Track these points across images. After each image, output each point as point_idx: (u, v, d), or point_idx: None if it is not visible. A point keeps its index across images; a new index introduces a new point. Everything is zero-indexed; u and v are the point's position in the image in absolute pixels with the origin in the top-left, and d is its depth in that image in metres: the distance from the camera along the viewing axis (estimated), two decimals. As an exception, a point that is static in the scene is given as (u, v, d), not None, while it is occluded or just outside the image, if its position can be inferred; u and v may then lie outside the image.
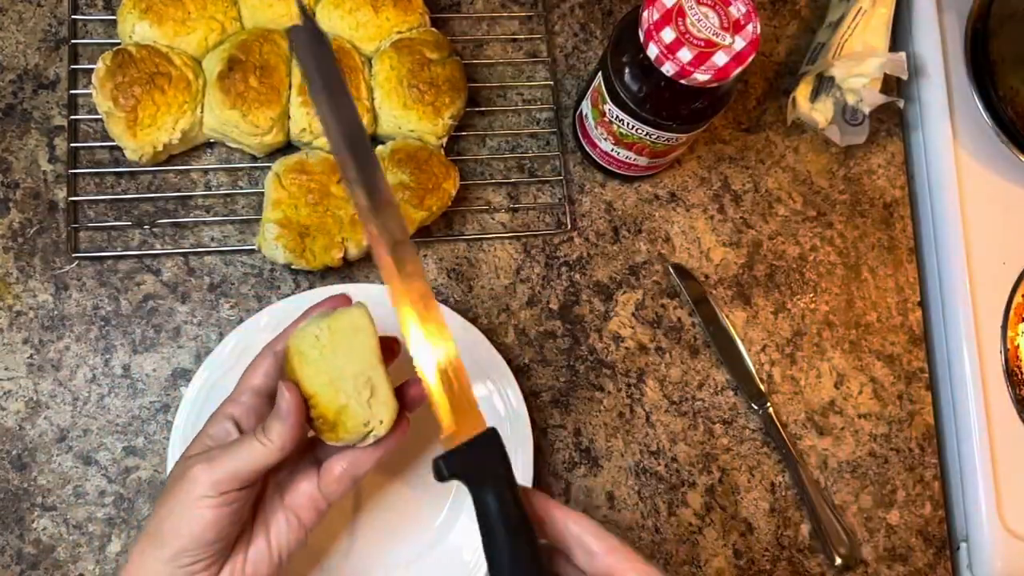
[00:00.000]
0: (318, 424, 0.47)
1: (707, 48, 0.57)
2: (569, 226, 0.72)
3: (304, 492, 0.50)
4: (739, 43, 0.57)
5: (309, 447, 0.52)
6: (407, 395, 0.50)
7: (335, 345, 0.46)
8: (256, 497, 0.49)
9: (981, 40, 0.76)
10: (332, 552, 0.62)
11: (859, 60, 0.71)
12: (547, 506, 0.45)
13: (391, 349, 0.50)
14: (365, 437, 0.47)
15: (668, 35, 0.56)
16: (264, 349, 0.51)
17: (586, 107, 0.69)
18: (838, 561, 0.67)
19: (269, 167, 0.65)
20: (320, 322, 0.46)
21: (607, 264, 0.71)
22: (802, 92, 0.74)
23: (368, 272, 0.68)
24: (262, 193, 0.66)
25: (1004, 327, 0.72)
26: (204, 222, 0.67)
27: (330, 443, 0.48)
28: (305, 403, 0.46)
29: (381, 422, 0.47)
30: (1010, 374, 0.71)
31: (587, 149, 0.71)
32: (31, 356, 0.63)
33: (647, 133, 0.63)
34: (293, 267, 0.63)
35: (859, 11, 0.73)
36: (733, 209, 0.74)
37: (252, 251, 0.67)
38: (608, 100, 0.63)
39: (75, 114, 0.66)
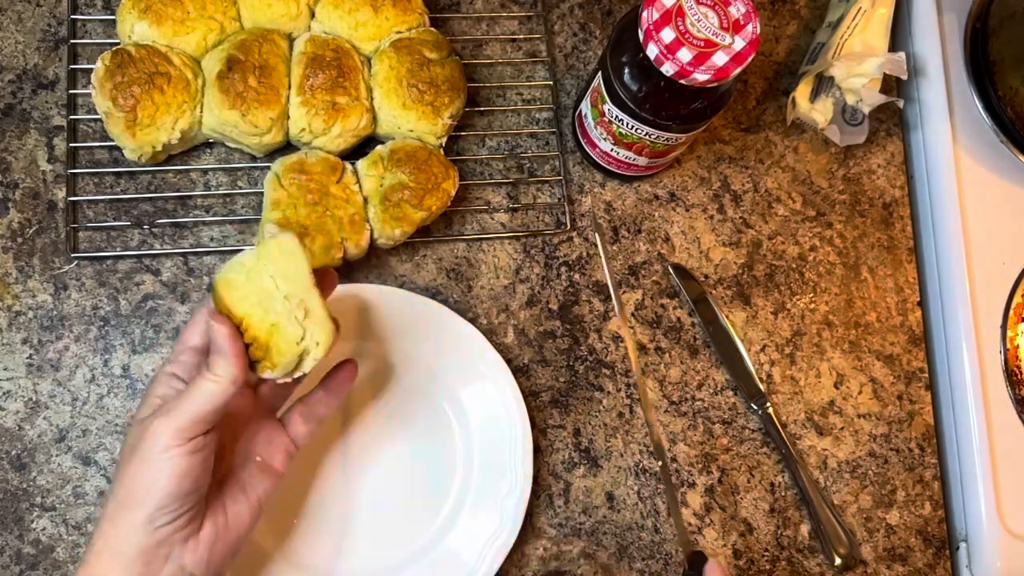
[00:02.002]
0: (252, 351, 0.46)
1: (707, 48, 0.57)
2: (568, 226, 0.71)
3: (272, 440, 0.52)
4: (739, 43, 0.57)
5: (267, 408, 0.54)
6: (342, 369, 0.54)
7: (261, 269, 0.46)
8: (222, 462, 0.50)
9: (981, 40, 0.76)
10: (332, 553, 0.62)
11: (859, 60, 0.71)
12: None
13: (329, 281, 0.51)
14: (301, 361, 0.47)
15: (668, 35, 0.56)
16: (201, 309, 0.50)
17: (585, 107, 0.69)
18: (838, 561, 0.67)
19: (268, 167, 0.65)
20: (247, 253, 0.46)
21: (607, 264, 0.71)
22: (802, 92, 0.74)
23: (368, 272, 0.68)
24: (261, 193, 0.66)
25: (1004, 327, 0.72)
26: (203, 222, 0.67)
27: (268, 375, 0.47)
28: (239, 331, 0.45)
29: (317, 344, 0.47)
30: (1010, 374, 0.71)
31: (586, 149, 0.71)
32: (30, 356, 0.63)
33: (646, 133, 0.63)
34: (292, 267, 0.63)
35: (859, 11, 0.73)
36: (733, 209, 0.74)
37: (251, 251, 0.67)
38: (607, 100, 0.63)
39: (74, 114, 0.66)
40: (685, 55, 0.56)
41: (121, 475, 0.45)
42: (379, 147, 0.67)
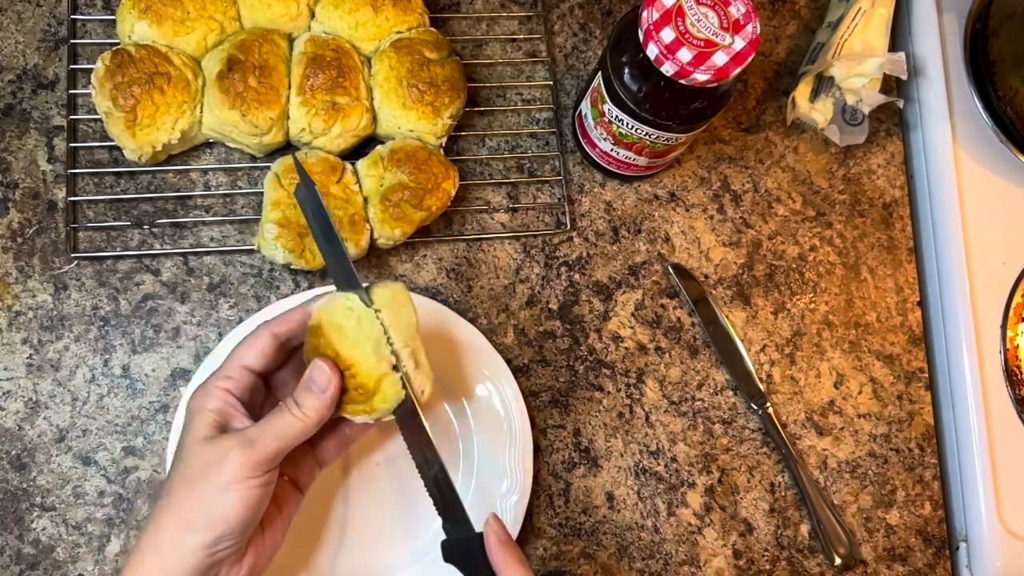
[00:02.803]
0: (354, 394, 0.47)
1: (707, 48, 0.57)
2: (568, 226, 0.71)
3: (301, 460, 0.52)
4: (739, 43, 0.57)
5: None
6: None
7: (373, 317, 0.47)
8: None
9: (980, 40, 0.76)
10: (331, 553, 0.62)
11: (859, 60, 0.71)
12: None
13: None
14: (400, 406, 0.48)
15: (668, 35, 0.56)
16: (259, 328, 0.50)
17: (585, 107, 0.69)
18: (837, 561, 0.67)
19: (268, 167, 0.65)
20: (352, 298, 0.47)
21: (606, 264, 0.71)
22: (802, 92, 0.74)
23: (367, 272, 0.68)
24: (261, 193, 0.66)
25: (1004, 327, 0.72)
26: (203, 222, 0.67)
27: (362, 419, 0.48)
28: (342, 375, 0.47)
29: (423, 392, 0.49)
30: (1010, 374, 0.71)
31: (586, 149, 0.71)
32: (30, 356, 0.63)
33: (646, 133, 0.63)
34: (292, 267, 0.63)
35: (859, 11, 0.73)
36: (733, 209, 0.74)
37: (251, 251, 0.67)
38: (607, 100, 0.63)
39: (74, 114, 0.66)
40: (685, 55, 0.56)
41: (189, 496, 0.45)
42: (379, 147, 0.67)
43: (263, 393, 0.52)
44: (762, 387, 0.70)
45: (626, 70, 0.61)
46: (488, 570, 0.48)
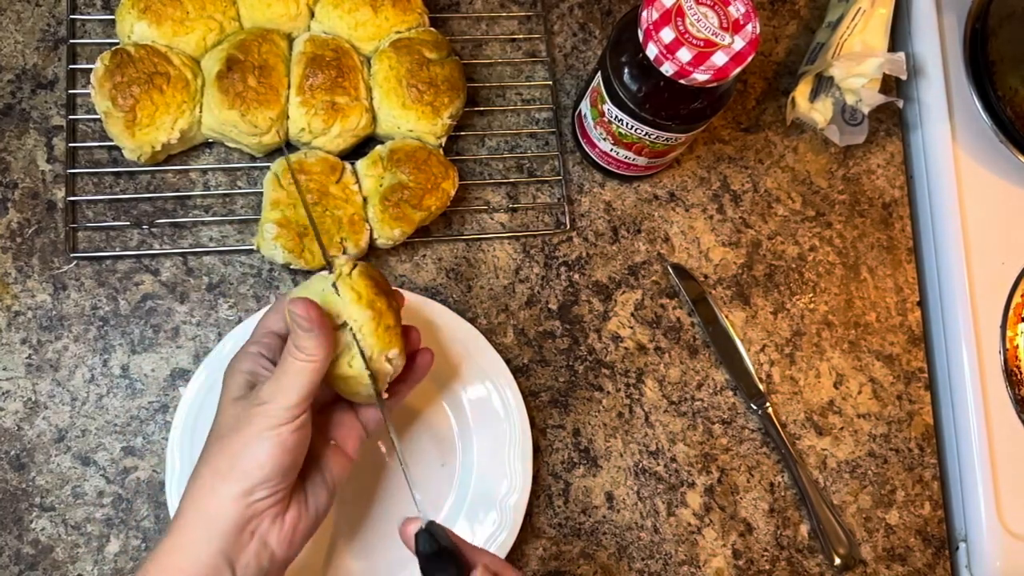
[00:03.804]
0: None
1: (706, 48, 0.57)
2: (568, 226, 0.71)
3: (344, 423, 0.54)
4: (738, 43, 0.57)
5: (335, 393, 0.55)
6: (409, 336, 0.54)
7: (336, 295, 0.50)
8: None
9: (980, 40, 0.76)
10: (331, 553, 0.62)
11: (858, 60, 0.71)
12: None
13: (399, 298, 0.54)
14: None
15: (667, 35, 0.56)
16: (281, 299, 0.53)
17: (585, 107, 0.69)
18: (837, 561, 0.67)
19: (268, 167, 0.65)
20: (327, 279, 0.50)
21: (606, 264, 0.71)
22: (801, 92, 0.74)
23: (367, 272, 0.68)
24: (261, 193, 0.66)
25: (1003, 327, 0.72)
26: (203, 222, 0.67)
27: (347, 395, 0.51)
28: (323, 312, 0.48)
29: (388, 371, 0.51)
30: (1009, 374, 0.71)
31: (586, 149, 0.71)
32: (29, 356, 0.63)
33: (646, 133, 0.63)
34: (292, 267, 0.63)
35: (858, 11, 0.73)
36: (732, 209, 0.74)
37: (251, 251, 0.67)
38: (607, 100, 0.63)
39: (73, 114, 0.66)
40: (685, 55, 0.56)
41: (221, 448, 0.47)
42: (379, 147, 0.67)
43: None
44: (762, 387, 0.70)
45: (626, 70, 0.61)
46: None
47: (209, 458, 0.47)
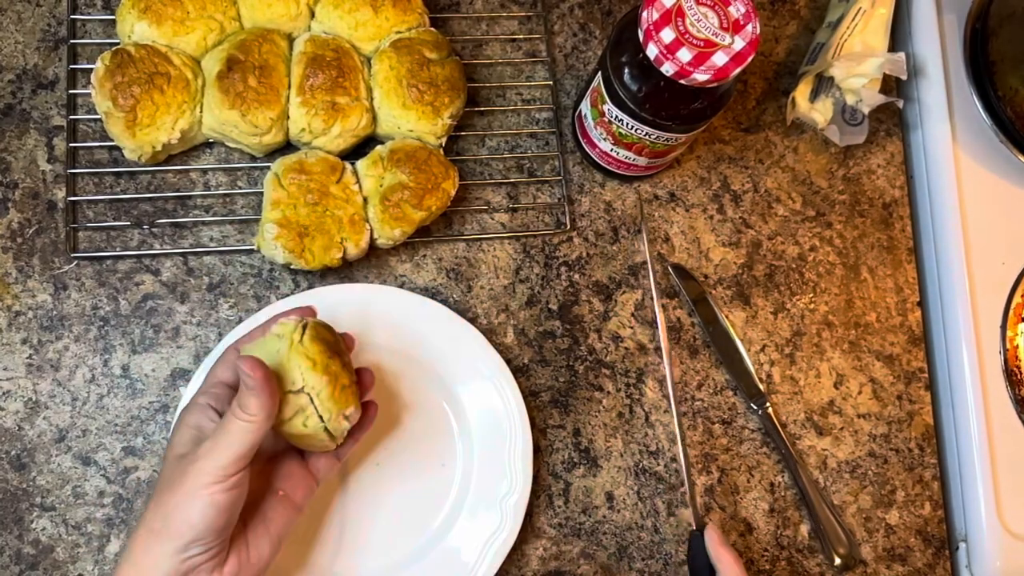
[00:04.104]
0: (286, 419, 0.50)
1: (706, 48, 0.57)
2: (568, 226, 0.71)
3: (293, 474, 0.53)
4: (738, 43, 0.57)
5: (289, 443, 0.55)
6: (362, 381, 0.55)
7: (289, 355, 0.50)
8: (247, 495, 0.51)
9: (980, 40, 0.76)
10: (331, 552, 0.62)
11: (858, 60, 0.71)
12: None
13: (348, 343, 0.56)
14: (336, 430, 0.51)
15: (667, 35, 0.56)
16: (228, 349, 0.55)
17: (585, 107, 0.69)
18: (837, 561, 0.67)
19: (268, 167, 0.65)
20: (281, 333, 0.51)
21: (606, 264, 0.71)
22: (801, 92, 0.74)
23: (368, 272, 0.68)
24: (261, 193, 0.66)
25: (1003, 327, 0.72)
26: (203, 222, 0.67)
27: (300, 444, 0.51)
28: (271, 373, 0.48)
29: (339, 427, 0.52)
30: (1009, 374, 0.71)
31: (586, 149, 0.71)
32: (30, 356, 0.63)
33: (646, 133, 0.63)
34: (292, 267, 0.63)
35: (858, 11, 0.73)
36: (732, 209, 0.74)
37: (251, 251, 0.67)
38: (607, 100, 0.63)
39: (74, 114, 0.66)
40: (685, 55, 0.56)
41: (158, 504, 0.47)
42: (379, 147, 0.67)
43: None
44: (762, 387, 0.70)
45: (626, 70, 0.61)
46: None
47: (146, 514, 0.47)
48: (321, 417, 0.50)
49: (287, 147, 0.68)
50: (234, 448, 0.46)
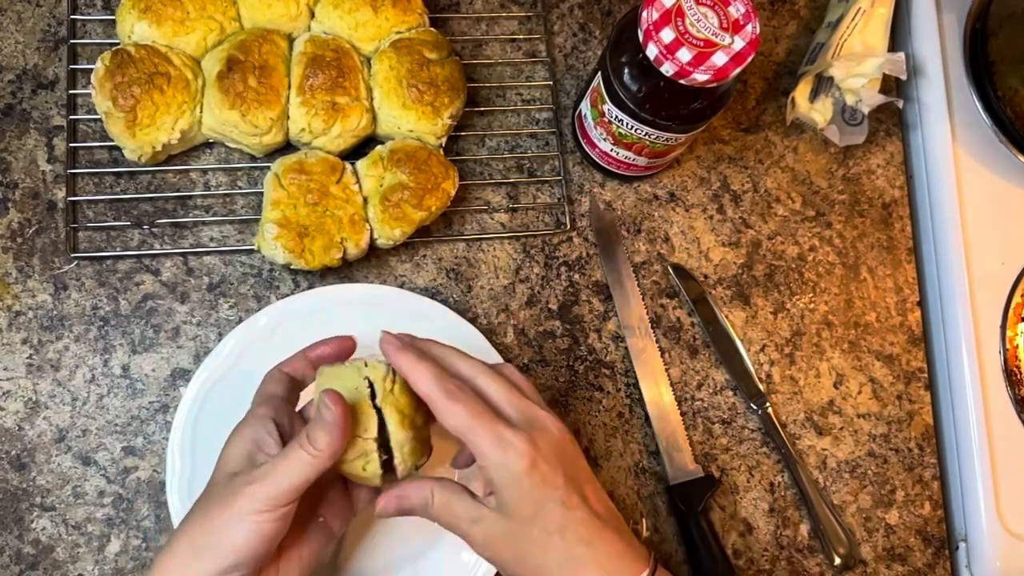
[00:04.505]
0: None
1: (706, 48, 0.57)
2: (568, 226, 0.72)
3: (335, 502, 0.52)
4: (738, 43, 0.57)
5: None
6: None
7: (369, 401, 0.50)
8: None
9: (980, 40, 0.76)
10: (331, 552, 0.61)
11: (858, 60, 0.71)
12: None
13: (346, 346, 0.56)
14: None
15: (667, 35, 0.56)
16: (276, 368, 0.54)
17: (585, 107, 0.69)
18: (837, 561, 0.67)
19: (268, 167, 0.65)
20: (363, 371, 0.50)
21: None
22: (801, 92, 0.74)
23: (368, 272, 0.68)
24: (261, 193, 0.66)
25: (1003, 327, 0.72)
26: (203, 222, 0.67)
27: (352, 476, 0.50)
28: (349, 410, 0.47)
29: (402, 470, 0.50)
30: (1009, 374, 0.71)
31: (586, 149, 0.71)
32: (30, 356, 0.63)
33: (646, 133, 0.63)
34: (292, 267, 0.63)
35: (858, 11, 0.73)
36: (732, 209, 0.74)
37: (251, 251, 0.67)
38: (607, 100, 0.63)
39: (74, 114, 0.66)
40: (685, 55, 0.56)
41: (200, 521, 0.46)
42: (379, 147, 0.67)
43: (292, 417, 0.53)
44: (761, 387, 0.70)
45: (626, 70, 0.61)
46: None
47: (189, 528, 0.46)
48: (386, 463, 0.49)
49: (287, 147, 0.68)
50: (292, 479, 0.45)
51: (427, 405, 0.48)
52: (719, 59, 0.57)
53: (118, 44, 0.66)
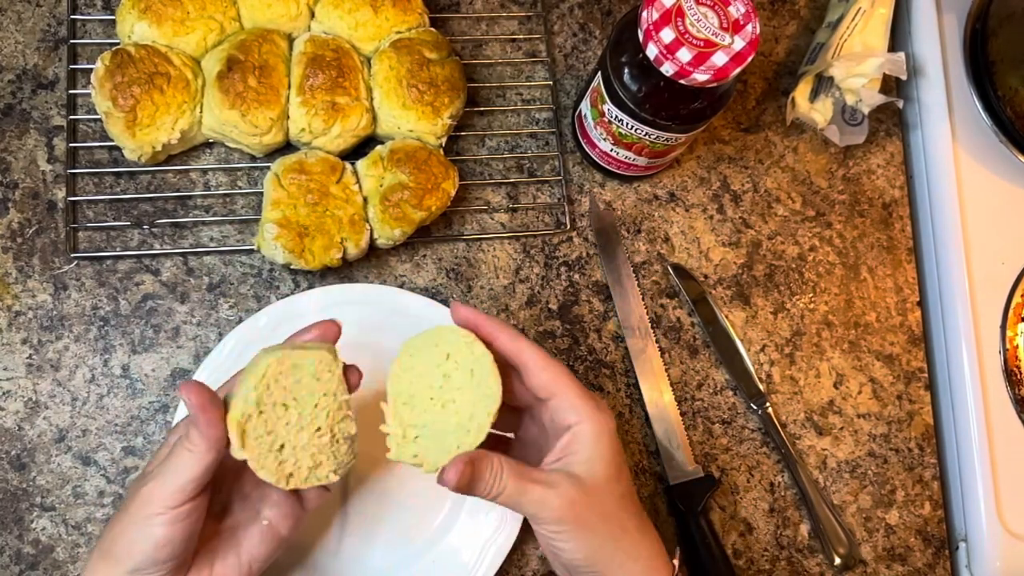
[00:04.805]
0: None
1: (706, 48, 0.57)
2: (568, 226, 0.71)
3: (282, 505, 0.50)
4: (738, 43, 0.57)
5: None
6: (349, 379, 0.50)
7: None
8: (227, 516, 0.50)
9: (980, 40, 0.76)
10: (330, 553, 0.61)
11: (858, 60, 0.71)
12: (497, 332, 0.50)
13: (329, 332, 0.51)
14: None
15: (667, 35, 0.56)
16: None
17: (585, 107, 0.69)
18: (837, 561, 0.67)
19: (268, 167, 0.65)
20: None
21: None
22: (801, 92, 0.74)
23: (368, 272, 0.68)
24: (261, 193, 0.66)
25: (1003, 327, 0.72)
26: (203, 222, 0.67)
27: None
28: (216, 399, 0.45)
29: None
30: (1009, 374, 0.71)
31: (586, 149, 0.71)
32: (30, 356, 0.63)
33: (646, 133, 0.63)
34: (292, 267, 0.63)
35: (858, 11, 0.73)
36: (732, 209, 0.74)
37: (251, 251, 0.67)
38: (607, 100, 0.63)
39: (74, 114, 0.66)
40: (685, 55, 0.56)
41: (110, 526, 0.46)
42: (379, 147, 0.67)
43: None
44: (762, 387, 0.70)
45: (626, 70, 0.61)
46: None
47: (100, 537, 0.46)
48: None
49: (287, 147, 0.68)
50: (178, 478, 0.44)
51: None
52: (719, 59, 0.57)
53: (118, 44, 0.66)
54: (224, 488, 0.51)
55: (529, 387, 0.50)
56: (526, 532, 0.65)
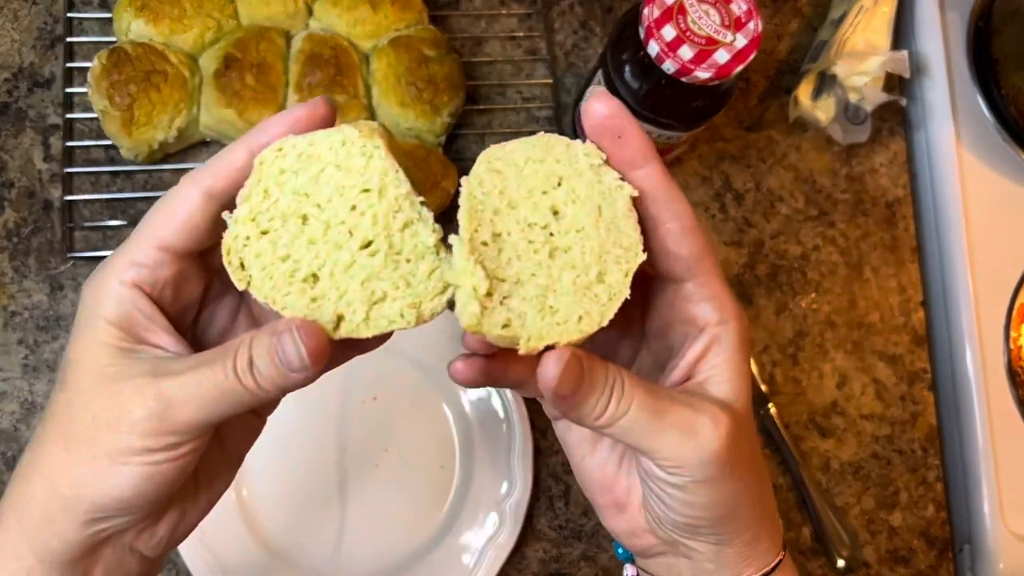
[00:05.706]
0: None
1: (708, 46, 0.56)
2: (569, 225, 0.71)
3: (246, 425, 0.38)
4: (740, 41, 0.57)
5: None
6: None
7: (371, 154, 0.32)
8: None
9: (984, 38, 0.75)
10: (331, 554, 0.61)
11: (861, 58, 0.70)
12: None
13: None
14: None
15: (669, 32, 0.56)
16: (184, 182, 0.36)
17: (586, 105, 0.68)
18: (840, 563, 0.67)
19: (266, 166, 0.65)
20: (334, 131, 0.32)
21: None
22: (804, 90, 0.74)
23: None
24: (259, 192, 0.66)
25: (1007, 327, 0.72)
26: (200, 221, 0.66)
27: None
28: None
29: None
30: (1013, 375, 0.71)
31: (587, 148, 0.71)
32: (26, 357, 0.63)
33: (647, 131, 0.63)
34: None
35: (861, 9, 0.73)
36: (735, 208, 0.74)
37: (249, 251, 0.67)
38: (608, 98, 0.63)
39: (70, 112, 0.66)
40: (686, 53, 0.56)
41: (64, 460, 0.31)
42: (378, 146, 0.66)
43: (201, 283, 0.35)
44: (764, 388, 0.70)
45: (627, 68, 0.60)
46: None
47: (46, 464, 0.32)
48: None
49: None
50: (208, 412, 0.30)
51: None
52: (721, 57, 0.56)
53: (115, 42, 0.66)
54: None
55: (664, 255, 0.34)
56: (526, 534, 0.65)
